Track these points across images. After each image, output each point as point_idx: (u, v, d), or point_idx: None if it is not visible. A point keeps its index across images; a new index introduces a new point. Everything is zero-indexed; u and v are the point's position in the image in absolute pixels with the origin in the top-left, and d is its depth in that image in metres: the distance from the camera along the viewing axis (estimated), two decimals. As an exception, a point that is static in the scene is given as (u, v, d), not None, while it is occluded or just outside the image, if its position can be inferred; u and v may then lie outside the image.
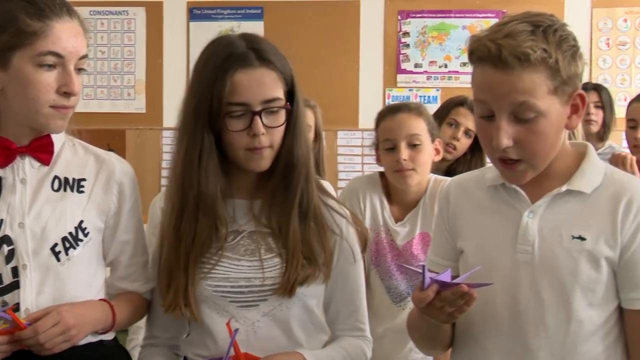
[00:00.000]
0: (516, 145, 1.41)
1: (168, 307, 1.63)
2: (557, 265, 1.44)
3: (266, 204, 1.66)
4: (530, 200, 1.49)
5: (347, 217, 1.72)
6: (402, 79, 5.23)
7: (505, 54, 1.35)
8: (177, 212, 1.63)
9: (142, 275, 1.75)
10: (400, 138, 2.43)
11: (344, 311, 1.73)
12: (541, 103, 1.38)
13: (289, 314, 1.64)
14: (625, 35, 5.12)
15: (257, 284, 1.62)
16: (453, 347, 1.63)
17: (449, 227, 1.61)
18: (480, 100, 1.43)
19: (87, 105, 5.22)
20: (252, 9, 5.26)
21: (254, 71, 1.57)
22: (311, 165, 1.68)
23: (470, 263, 1.54)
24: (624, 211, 1.43)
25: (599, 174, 1.48)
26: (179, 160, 1.63)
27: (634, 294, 1.44)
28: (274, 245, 1.64)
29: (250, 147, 1.59)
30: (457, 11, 5.18)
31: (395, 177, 2.47)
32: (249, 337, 1.62)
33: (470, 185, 1.60)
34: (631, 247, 1.43)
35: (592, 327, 1.45)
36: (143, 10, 5.31)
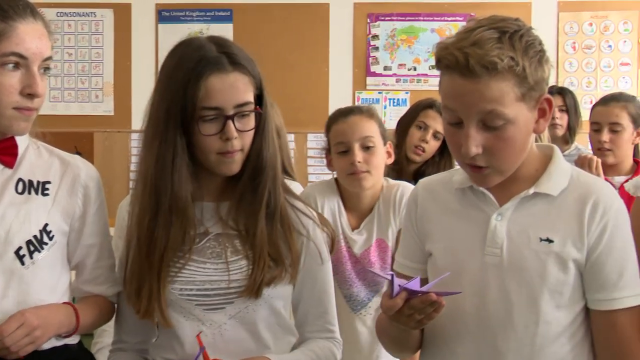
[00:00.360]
0: (485, 152, 1.42)
1: (144, 313, 1.61)
2: (525, 267, 1.45)
3: (233, 206, 1.66)
4: (498, 203, 1.50)
5: (314, 218, 1.72)
6: (371, 81, 5.25)
7: (473, 63, 1.35)
8: (150, 217, 1.61)
9: (108, 278, 1.74)
10: (354, 140, 2.41)
11: (312, 313, 1.72)
12: (509, 111, 1.39)
13: (255, 316, 1.63)
14: (590, 39, 5.19)
15: (223, 286, 1.61)
16: (422, 350, 1.63)
17: (417, 230, 1.61)
18: (448, 107, 1.43)
19: (55, 107, 5.17)
20: (221, 11, 5.25)
21: (227, 76, 1.57)
22: (278, 167, 1.68)
23: (438, 266, 1.54)
24: (590, 213, 1.44)
25: (565, 176, 1.50)
26: (151, 164, 1.61)
27: (600, 295, 1.46)
28: (241, 248, 1.64)
29: (223, 151, 1.59)
30: (425, 14, 5.21)
31: (349, 180, 2.44)
32: (216, 340, 1.61)
33: (438, 188, 1.61)
34: (597, 248, 1.44)
35: (560, 328, 1.46)
36: (111, 12, 5.27)
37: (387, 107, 5.21)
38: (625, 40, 5.16)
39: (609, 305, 1.45)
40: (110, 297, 1.74)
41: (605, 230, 1.44)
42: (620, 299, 1.45)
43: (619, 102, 3.08)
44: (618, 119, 3.04)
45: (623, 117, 3.05)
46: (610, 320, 1.46)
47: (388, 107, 5.21)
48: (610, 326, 1.46)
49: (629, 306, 1.46)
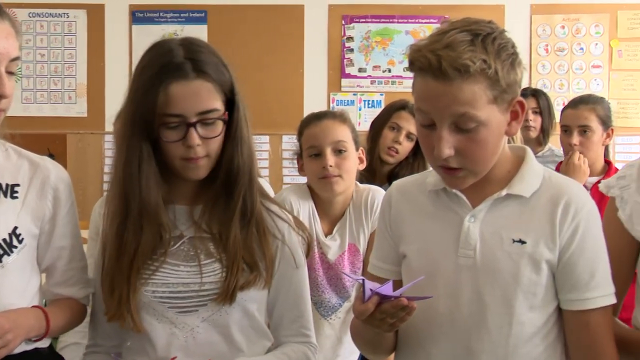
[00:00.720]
0: (457, 154, 1.42)
1: (112, 316, 1.62)
2: (498, 268, 1.46)
3: (207, 209, 1.65)
4: (472, 205, 1.50)
5: (290, 221, 1.72)
6: (346, 83, 5.26)
7: (445, 66, 1.36)
8: (119, 221, 1.61)
9: (79, 280, 1.72)
10: (326, 144, 2.41)
11: (287, 317, 1.72)
12: (481, 113, 1.39)
13: (228, 319, 1.62)
14: (563, 41, 5.24)
15: (196, 289, 1.60)
16: (397, 351, 1.63)
17: (391, 232, 1.61)
18: (421, 110, 1.43)
19: (27, 109, 5.11)
20: (196, 12, 5.23)
21: (189, 83, 1.55)
22: (254, 172, 1.67)
23: (413, 267, 1.55)
24: (562, 214, 1.45)
25: (537, 177, 1.50)
26: (120, 168, 1.61)
27: (572, 295, 1.47)
28: (214, 251, 1.63)
29: (186, 157, 1.58)
30: (400, 16, 5.23)
31: (320, 184, 2.44)
32: (188, 343, 1.61)
33: (412, 190, 1.61)
34: (569, 249, 1.45)
35: (533, 328, 1.47)
36: (84, 12, 5.22)
37: (362, 108, 5.22)
38: (596, 43, 5.22)
39: (581, 305, 1.46)
40: (81, 299, 1.73)
41: (577, 231, 1.45)
42: (592, 299, 1.46)
43: (587, 105, 3.11)
44: (587, 121, 3.08)
45: (592, 120, 3.09)
46: (582, 320, 1.47)
47: (363, 109, 5.21)
48: (582, 326, 1.47)
49: (600, 306, 1.47)
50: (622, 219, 1.63)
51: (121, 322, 1.61)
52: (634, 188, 1.65)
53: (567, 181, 1.54)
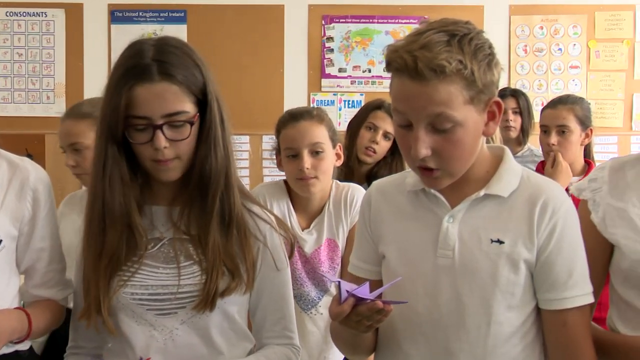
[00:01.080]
0: (434, 154, 1.42)
1: (81, 315, 1.61)
2: (477, 269, 1.46)
3: (185, 211, 1.64)
4: (450, 205, 1.50)
5: (271, 222, 1.71)
6: (326, 83, 5.26)
7: (421, 66, 1.35)
8: (87, 222, 1.61)
9: (59, 282, 1.72)
10: (303, 147, 2.42)
11: (269, 319, 1.71)
12: (458, 114, 1.39)
13: (208, 322, 1.61)
14: (541, 42, 5.28)
15: (173, 291, 1.59)
16: (376, 351, 1.63)
17: (371, 232, 1.61)
18: (398, 110, 1.43)
19: (4, 109, 5.07)
20: (175, 12, 5.20)
21: (153, 86, 1.54)
22: (231, 174, 1.65)
23: (392, 268, 1.55)
24: (540, 213, 1.46)
25: (515, 177, 1.51)
26: (92, 170, 1.62)
27: (550, 294, 1.48)
28: (193, 252, 1.62)
29: (155, 159, 1.57)
30: (380, 17, 5.24)
31: (298, 185, 2.46)
32: (167, 345, 1.60)
33: (391, 190, 1.61)
34: (547, 249, 1.46)
35: (511, 328, 1.48)
36: (62, 11, 5.18)
37: (342, 108, 5.22)
38: (574, 44, 5.26)
39: (560, 304, 1.47)
40: (60, 300, 1.72)
41: (554, 230, 1.46)
42: (570, 298, 1.47)
43: (565, 105, 3.13)
44: (565, 121, 3.09)
45: (570, 120, 3.10)
46: (560, 319, 1.48)
47: (343, 109, 5.22)
48: (560, 325, 1.48)
49: (578, 305, 1.48)
50: (595, 222, 1.64)
51: (88, 322, 1.59)
52: (605, 190, 1.66)
53: (545, 181, 1.54)
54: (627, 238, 1.59)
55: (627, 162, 1.68)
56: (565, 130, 3.10)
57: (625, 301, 1.62)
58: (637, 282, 1.58)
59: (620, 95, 5.23)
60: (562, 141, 3.10)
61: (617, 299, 1.65)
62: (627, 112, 5.24)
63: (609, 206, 1.63)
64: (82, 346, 1.73)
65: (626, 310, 1.62)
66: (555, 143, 3.10)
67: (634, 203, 1.60)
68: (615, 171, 1.67)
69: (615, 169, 1.68)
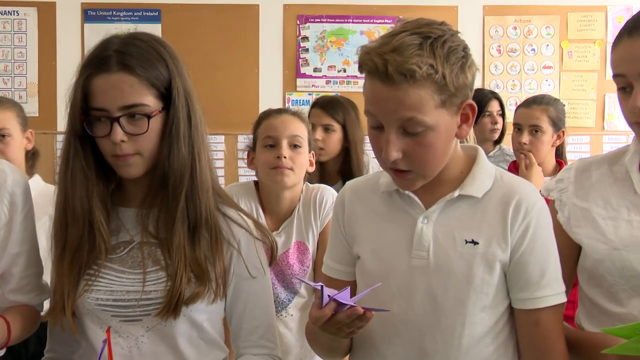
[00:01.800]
0: (405, 156, 1.42)
1: (47, 314, 1.58)
2: (451, 269, 1.46)
3: (154, 213, 1.59)
4: (424, 206, 1.50)
5: (248, 227, 1.64)
6: (301, 83, 5.26)
7: (391, 70, 1.34)
8: (54, 219, 1.59)
9: (35, 287, 1.68)
10: (283, 136, 2.43)
11: (245, 327, 1.65)
12: (429, 118, 1.38)
13: (174, 330, 1.56)
14: (515, 42, 5.32)
15: (137, 297, 1.54)
16: (351, 353, 1.63)
17: (345, 233, 1.60)
18: (370, 112, 1.43)
19: (-25, 108, 5.00)
20: (150, 11, 5.17)
21: (110, 76, 1.51)
22: (200, 173, 1.59)
23: (366, 268, 1.55)
24: (513, 213, 1.46)
25: (489, 177, 1.51)
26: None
27: (523, 294, 1.48)
28: (161, 257, 1.57)
29: (114, 154, 1.54)
30: (355, 17, 5.25)
31: (271, 174, 2.43)
32: (133, 353, 1.56)
33: (365, 191, 1.60)
34: (520, 248, 1.46)
35: (484, 328, 1.48)
36: (35, 10, 5.13)
37: (318, 108, 5.23)
38: (547, 44, 5.30)
39: (532, 304, 1.48)
40: (36, 305, 1.69)
41: (527, 230, 1.46)
42: (542, 298, 1.48)
43: (540, 105, 3.15)
44: (538, 121, 3.12)
45: (543, 120, 3.12)
46: (533, 318, 1.49)
47: (318, 109, 5.22)
48: (533, 324, 1.49)
49: (551, 305, 1.49)
50: (561, 222, 1.66)
51: (53, 322, 1.57)
52: (571, 191, 1.67)
53: (518, 181, 1.55)
54: (590, 238, 1.60)
55: (593, 163, 1.70)
56: (538, 130, 3.12)
57: (590, 299, 1.64)
58: (599, 281, 1.60)
59: (592, 96, 5.28)
60: (533, 141, 3.12)
61: (583, 298, 1.68)
62: (599, 112, 5.30)
63: (574, 206, 1.65)
64: (57, 350, 1.70)
65: (591, 309, 1.64)
66: (527, 142, 3.12)
67: (598, 203, 1.62)
68: (581, 172, 1.69)
69: (581, 170, 1.69)
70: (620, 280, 1.55)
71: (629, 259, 1.54)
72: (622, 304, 1.56)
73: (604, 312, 1.60)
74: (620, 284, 1.56)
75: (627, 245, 1.55)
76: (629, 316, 1.54)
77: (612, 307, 1.58)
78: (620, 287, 1.56)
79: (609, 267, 1.56)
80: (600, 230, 1.59)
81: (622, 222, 1.58)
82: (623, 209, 1.59)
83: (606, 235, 1.58)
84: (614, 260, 1.55)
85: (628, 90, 1.54)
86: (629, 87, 1.54)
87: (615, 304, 1.58)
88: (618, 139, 5.13)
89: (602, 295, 1.60)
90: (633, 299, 1.55)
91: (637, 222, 1.57)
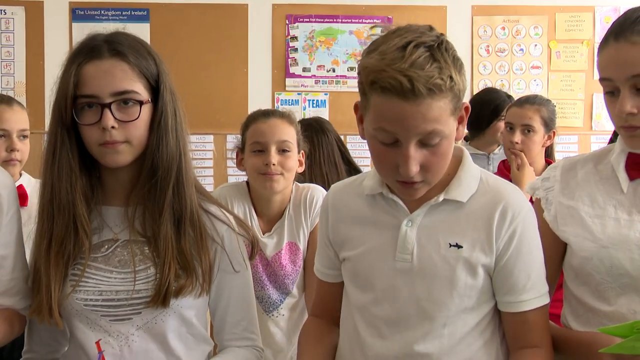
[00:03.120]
0: (421, 168, 1.40)
1: (33, 311, 1.57)
2: (435, 272, 1.47)
3: (140, 210, 1.59)
4: (409, 209, 1.51)
5: (230, 223, 1.66)
6: (290, 83, 5.25)
7: (419, 87, 1.31)
8: (39, 212, 1.58)
9: (20, 290, 1.64)
10: (272, 142, 2.42)
11: (229, 321, 1.68)
12: (446, 127, 1.38)
13: (164, 327, 1.58)
14: (503, 42, 5.33)
15: (127, 297, 1.55)
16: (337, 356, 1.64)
17: (331, 238, 1.61)
18: (385, 129, 1.38)
19: (-37, 108, 4.97)
20: (138, 10, 5.15)
21: (102, 62, 1.52)
22: (185, 168, 1.61)
23: (352, 271, 1.57)
24: (499, 219, 1.46)
25: (474, 180, 1.51)
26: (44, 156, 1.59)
27: (509, 297, 1.50)
28: (150, 255, 1.57)
29: (102, 142, 1.53)
30: (344, 16, 5.24)
31: (260, 179, 2.44)
32: (123, 352, 1.56)
33: (349, 194, 1.61)
34: (506, 254, 1.47)
35: (467, 328, 1.49)
36: (22, 9, 5.11)
37: (307, 108, 5.22)
38: (536, 44, 5.32)
39: (518, 307, 1.49)
40: (21, 310, 1.65)
41: (514, 236, 1.47)
42: (527, 301, 1.49)
43: (532, 105, 3.16)
44: (531, 121, 3.13)
45: (536, 120, 3.13)
46: (519, 319, 1.50)
47: (307, 109, 5.22)
48: (520, 323, 1.51)
49: (536, 307, 1.50)
50: (547, 220, 1.67)
51: (39, 318, 1.56)
52: (557, 189, 1.68)
53: (504, 184, 1.54)
54: (577, 236, 1.61)
55: (578, 162, 1.71)
56: (530, 129, 3.13)
57: (576, 298, 1.65)
58: (586, 279, 1.61)
59: (580, 95, 5.30)
60: (525, 140, 3.13)
61: (569, 296, 1.69)
62: (587, 112, 5.32)
63: (561, 204, 1.66)
64: (37, 351, 1.69)
65: (577, 307, 1.65)
66: (519, 141, 3.13)
67: (584, 202, 1.63)
68: (566, 170, 1.70)
69: (566, 168, 1.71)
70: (608, 278, 1.56)
71: (617, 257, 1.55)
72: (609, 302, 1.57)
73: (591, 310, 1.61)
74: (608, 282, 1.57)
75: (615, 244, 1.56)
76: (616, 314, 1.55)
77: (599, 305, 1.59)
78: (608, 285, 1.57)
79: (597, 265, 1.57)
80: (588, 228, 1.60)
81: (610, 220, 1.59)
82: (610, 207, 1.60)
83: (594, 234, 1.59)
84: (602, 258, 1.56)
85: (615, 94, 1.54)
86: (616, 91, 1.54)
87: (603, 302, 1.59)
88: (606, 139, 5.14)
89: (589, 294, 1.61)
90: (621, 297, 1.56)
91: (624, 220, 1.58)
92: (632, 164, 1.60)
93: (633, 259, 1.53)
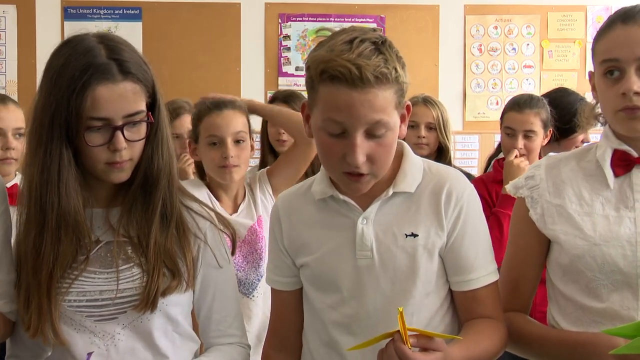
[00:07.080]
0: (367, 160, 1.45)
1: (34, 331, 1.53)
2: (396, 264, 1.52)
3: (124, 212, 1.59)
4: (361, 207, 1.55)
5: (212, 219, 1.67)
6: (283, 81, 5.25)
7: (367, 75, 1.38)
8: (35, 233, 1.52)
9: (6, 293, 1.60)
10: (227, 135, 2.47)
11: (214, 318, 1.68)
12: (391, 119, 1.44)
13: (150, 325, 1.57)
14: (495, 41, 5.34)
15: (111, 296, 1.55)
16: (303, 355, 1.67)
17: (286, 245, 1.63)
18: (334, 119, 1.44)
19: (-45, 106, 4.95)
20: (130, 9, 5.15)
21: (116, 85, 1.48)
22: (174, 173, 1.63)
23: (314, 275, 1.59)
24: (446, 201, 1.53)
25: (418, 170, 1.57)
26: (35, 174, 1.51)
27: (459, 277, 1.55)
28: (133, 255, 1.57)
29: (111, 162, 1.52)
30: (336, 15, 5.24)
31: (220, 172, 2.50)
32: (110, 351, 1.55)
33: (298, 201, 1.64)
34: (454, 233, 1.53)
35: (430, 313, 1.54)
36: (14, 7, 5.10)
37: (299, 107, 5.22)
38: (528, 44, 5.33)
39: (468, 285, 1.55)
40: (7, 313, 1.61)
41: (460, 215, 1.53)
42: (476, 279, 1.55)
43: (532, 109, 3.11)
44: (532, 126, 3.08)
45: (536, 124, 3.10)
46: (469, 296, 1.56)
47: (300, 108, 5.22)
48: (471, 300, 1.55)
49: (485, 284, 1.55)
50: (533, 219, 1.68)
51: (43, 338, 1.53)
52: (543, 188, 1.69)
53: (446, 169, 1.61)
54: (567, 234, 1.62)
55: (561, 160, 1.72)
56: (532, 134, 3.10)
57: (565, 296, 1.65)
58: (576, 277, 1.62)
59: (572, 95, 5.32)
60: (527, 145, 3.10)
61: (556, 295, 1.69)
62: (579, 111, 5.33)
63: (548, 203, 1.67)
64: (20, 355, 1.67)
65: (566, 305, 1.66)
66: (522, 147, 3.10)
67: (571, 199, 1.64)
68: (550, 168, 1.71)
69: (550, 167, 1.71)
70: (600, 275, 1.57)
71: (609, 254, 1.56)
72: (601, 299, 1.58)
73: (581, 308, 1.61)
74: (600, 279, 1.58)
75: (606, 241, 1.57)
76: (609, 311, 1.56)
77: (590, 303, 1.60)
78: (600, 282, 1.58)
79: (589, 263, 1.58)
80: (578, 226, 1.61)
81: (599, 218, 1.60)
82: (597, 205, 1.62)
83: (584, 231, 1.60)
84: (594, 255, 1.57)
85: (615, 75, 1.57)
86: (617, 71, 1.57)
87: (594, 299, 1.59)
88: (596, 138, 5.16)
89: (579, 291, 1.62)
90: (613, 294, 1.57)
91: (612, 217, 1.59)
92: (617, 161, 1.63)
93: (625, 255, 1.55)
